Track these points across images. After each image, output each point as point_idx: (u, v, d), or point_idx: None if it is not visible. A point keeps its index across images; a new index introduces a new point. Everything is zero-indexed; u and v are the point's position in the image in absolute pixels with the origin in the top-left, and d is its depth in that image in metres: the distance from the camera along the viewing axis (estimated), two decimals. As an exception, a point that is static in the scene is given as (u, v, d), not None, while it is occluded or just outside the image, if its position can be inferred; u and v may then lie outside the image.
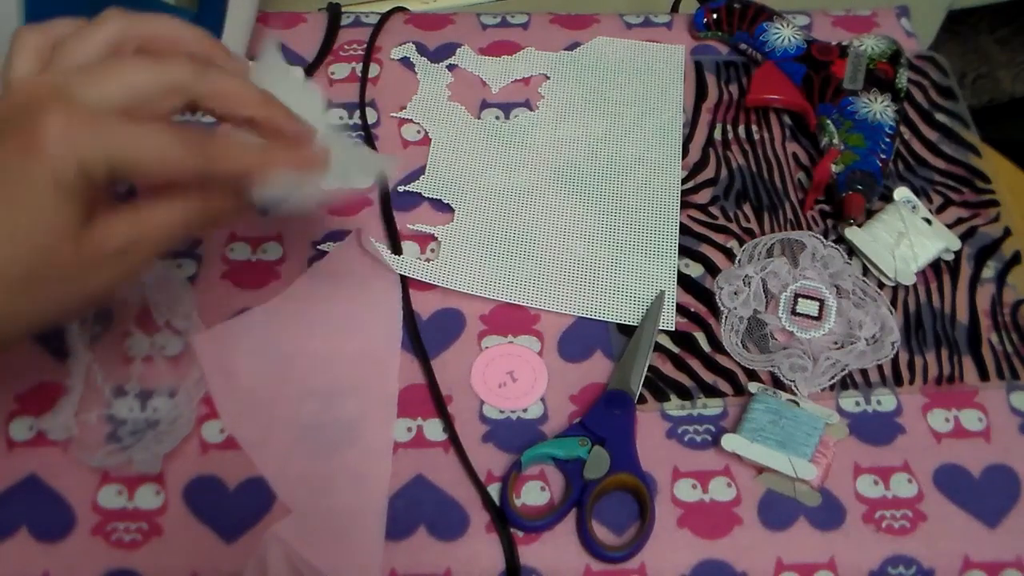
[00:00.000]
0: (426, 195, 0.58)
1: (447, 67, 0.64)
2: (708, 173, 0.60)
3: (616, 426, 0.48)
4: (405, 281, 0.54)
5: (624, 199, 0.58)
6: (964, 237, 0.57)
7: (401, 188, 0.58)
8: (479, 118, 0.62)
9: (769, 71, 0.62)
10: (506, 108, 0.63)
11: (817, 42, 0.63)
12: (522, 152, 0.60)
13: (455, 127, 0.61)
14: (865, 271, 0.55)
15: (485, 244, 0.56)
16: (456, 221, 0.57)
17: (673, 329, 0.53)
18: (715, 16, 0.65)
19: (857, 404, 0.51)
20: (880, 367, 0.52)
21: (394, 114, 0.62)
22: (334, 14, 0.66)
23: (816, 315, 0.53)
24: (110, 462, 0.47)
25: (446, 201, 0.58)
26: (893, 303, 0.54)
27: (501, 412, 0.50)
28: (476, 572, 0.46)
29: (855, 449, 0.50)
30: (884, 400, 0.51)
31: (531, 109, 0.63)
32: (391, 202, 0.57)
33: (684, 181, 0.59)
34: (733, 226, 0.57)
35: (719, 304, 0.54)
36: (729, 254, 0.56)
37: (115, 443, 0.48)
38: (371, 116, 0.62)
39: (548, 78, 0.64)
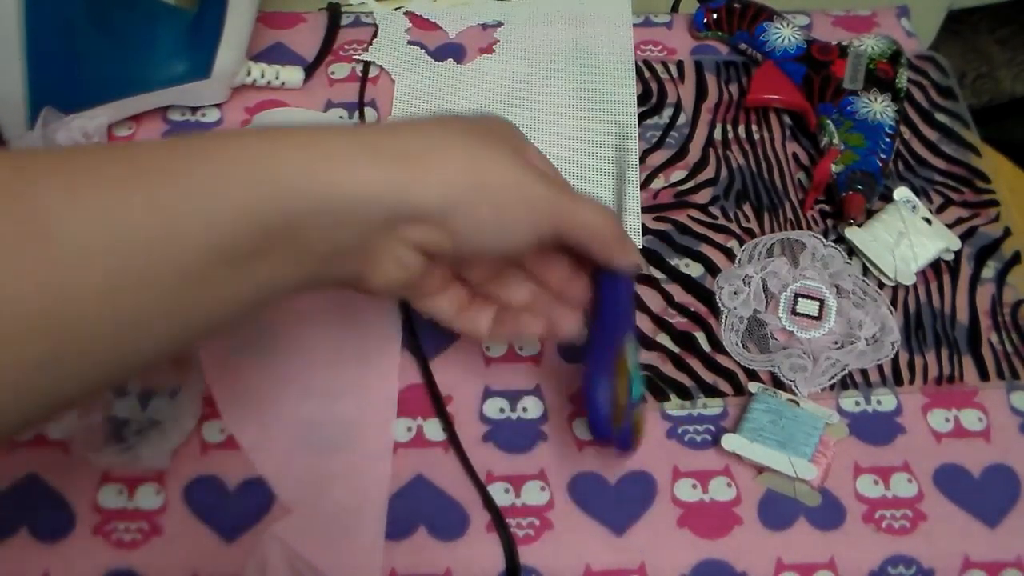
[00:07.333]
0: None
1: (403, 13, 0.67)
2: (708, 173, 0.60)
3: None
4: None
5: (582, 130, 0.61)
6: (964, 237, 0.57)
7: None
8: (441, 62, 0.64)
9: (769, 71, 0.62)
10: (463, 52, 0.65)
11: (817, 42, 0.63)
12: (481, 93, 0.63)
13: (417, 70, 0.63)
14: (865, 271, 0.55)
15: None
16: None
17: (639, 246, 0.56)
18: (715, 16, 0.65)
19: (857, 404, 0.51)
20: (880, 367, 0.52)
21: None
22: (334, 14, 0.66)
23: (816, 315, 0.53)
24: (117, 461, 0.47)
25: None
26: (893, 303, 0.54)
27: (501, 411, 0.50)
28: (476, 572, 0.46)
29: (855, 449, 0.50)
30: (884, 400, 0.51)
31: (489, 53, 0.65)
32: None
33: (684, 181, 0.59)
34: (733, 226, 0.57)
35: (719, 304, 0.54)
36: (729, 254, 0.56)
37: (119, 443, 0.48)
38: (371, 116, 0.62)
39: (503, 24, 0.67)
